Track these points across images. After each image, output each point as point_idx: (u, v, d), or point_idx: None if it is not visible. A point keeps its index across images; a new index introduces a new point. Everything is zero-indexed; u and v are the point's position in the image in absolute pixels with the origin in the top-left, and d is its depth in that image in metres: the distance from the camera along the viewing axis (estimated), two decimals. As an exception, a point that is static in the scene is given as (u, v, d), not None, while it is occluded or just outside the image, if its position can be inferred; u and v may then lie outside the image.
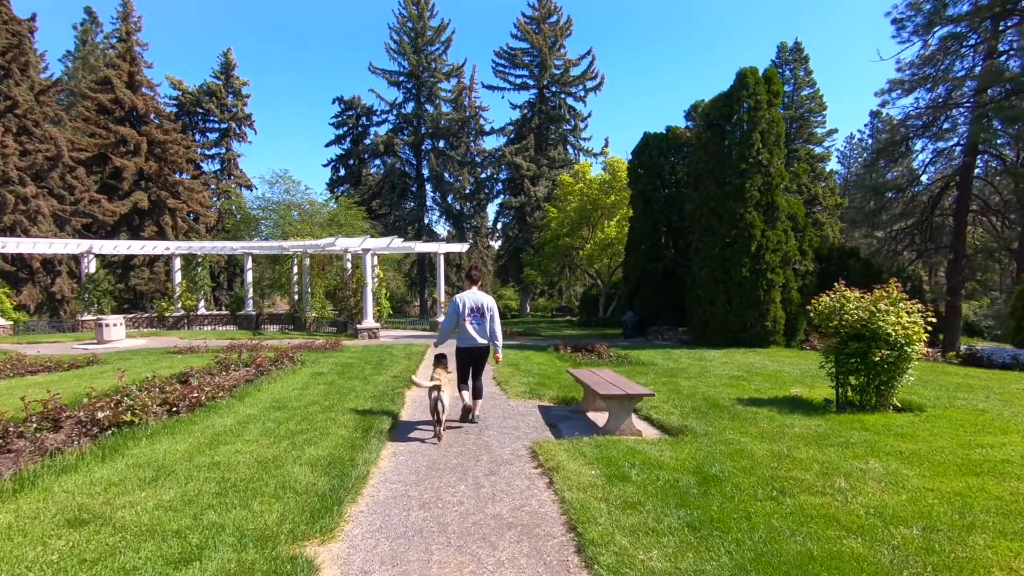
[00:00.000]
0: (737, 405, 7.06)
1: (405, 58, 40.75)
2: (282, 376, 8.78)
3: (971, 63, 27.82)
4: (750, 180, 14.60)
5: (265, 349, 13.47)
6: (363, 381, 8.60)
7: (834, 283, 7.59)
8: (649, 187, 20.26)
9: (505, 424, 6.35)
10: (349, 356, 12.32)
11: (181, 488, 3.76)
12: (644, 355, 13.08)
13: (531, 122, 40.08)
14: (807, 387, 8.42)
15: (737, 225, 14.67)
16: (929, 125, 29.81)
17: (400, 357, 12.41)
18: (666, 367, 11.11)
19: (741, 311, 14.60)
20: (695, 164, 16.00)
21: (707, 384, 8.86)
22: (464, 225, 41.93)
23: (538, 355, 13.38)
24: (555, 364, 11.67)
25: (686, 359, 12.46)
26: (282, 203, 32.80)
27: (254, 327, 23.72)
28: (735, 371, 10.39)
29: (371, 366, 10.59)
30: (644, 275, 20.50)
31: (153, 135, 34.77)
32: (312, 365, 10.42)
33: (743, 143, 14.66)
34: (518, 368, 10.73)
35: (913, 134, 30.64)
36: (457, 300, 6.16)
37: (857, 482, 4.14)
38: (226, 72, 43.26)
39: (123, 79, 34.70)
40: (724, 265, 14.98)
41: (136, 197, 33.85)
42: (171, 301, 24.29)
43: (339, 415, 6.18)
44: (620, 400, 5.80)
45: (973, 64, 27.44)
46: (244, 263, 24.50)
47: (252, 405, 6.55)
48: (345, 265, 22.45)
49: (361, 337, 18.69)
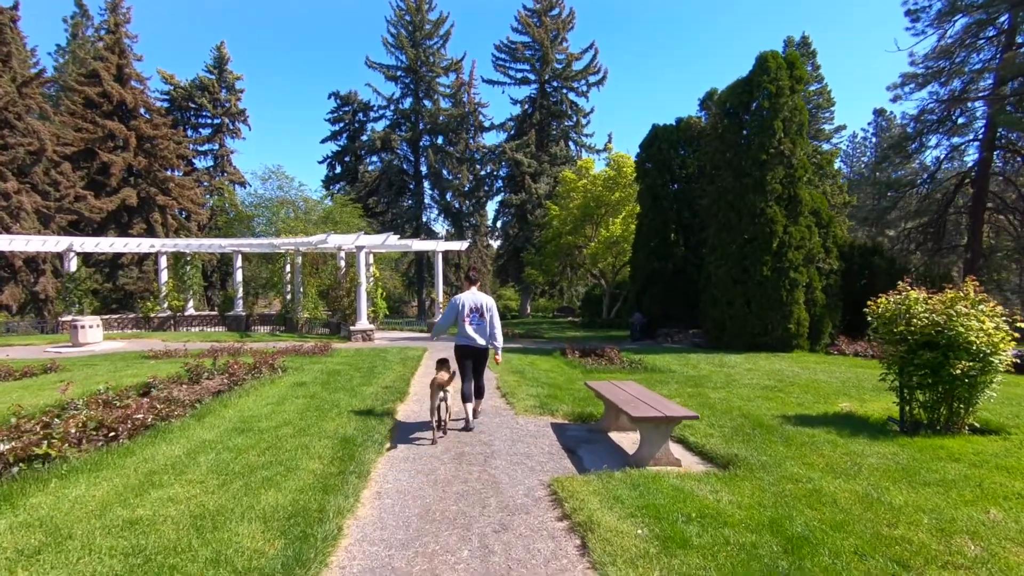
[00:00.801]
0: (785, 425, 6.02)
1: (403, 52, 39.68)
2: (257, 387, 7.72)
3: (988, 55, 26.86)
4: (771, 172, 13.57)
5: (247, 353, 12.43)
6: (349, 394, 7.54)
7: (860, 282, 6.54)
8: (658, 182, 19.22)
9: (515, 449, 5.30)
10: (338, 362, 11.27)
11: (66, 570, 2.70)
12: (659, 360, 12.05)
13: (532, 118, 39.02)
14: (856, 400, 7.39)
15: (757, 220, 13.63)
16: (944, 120, 28.85)
17: (394, 363, 11.35)
18: (687, 375, 10.08)
19: (761, 313, 13.56)
20: (711, 156, 14.97)
21: (739, 396, 7.82)
22: (463, 223, 40.87)
23: (544, 360, 12.34)
24: (564, 371, 10.63)
25: (706, 365, 11.43)
26: (274, 200, 31.69)
27: (244, 328, 22.66)
28: (765, 380, 9.36)
29: (361, 374, 9.53)
30: (652, 274, 19.47)
31: (142, 130, 33.68)
32: (295, 373, 9.36)
33: (763, 132, 13.63)
34: (524, 376, 9.69)
35: (928, 129, 29.65)
36: (456, 300, 6.10)
37: (992, 544, 3.10)
38: (219, 66, 42.15)
39: (111, 72, 33.61)
40: (743, 263, 13.94)
41: (124, 194, 32.77)
42: (157, 301, 23.21)
43: (315, 440, 5.12)
44: (656, 423, 4.75)
45: (991, 56, 26.47)
46: (234, 262, 23.44)
47: (212, 427, 5.48)
48: (339, 264, 21.41)
49: (354, 339, 17.64)
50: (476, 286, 6.24)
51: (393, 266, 42.99)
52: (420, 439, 5.57)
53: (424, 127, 40.57)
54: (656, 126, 20.11)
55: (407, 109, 41.01)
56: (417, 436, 5.69)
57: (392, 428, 5.94)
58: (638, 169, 20.71)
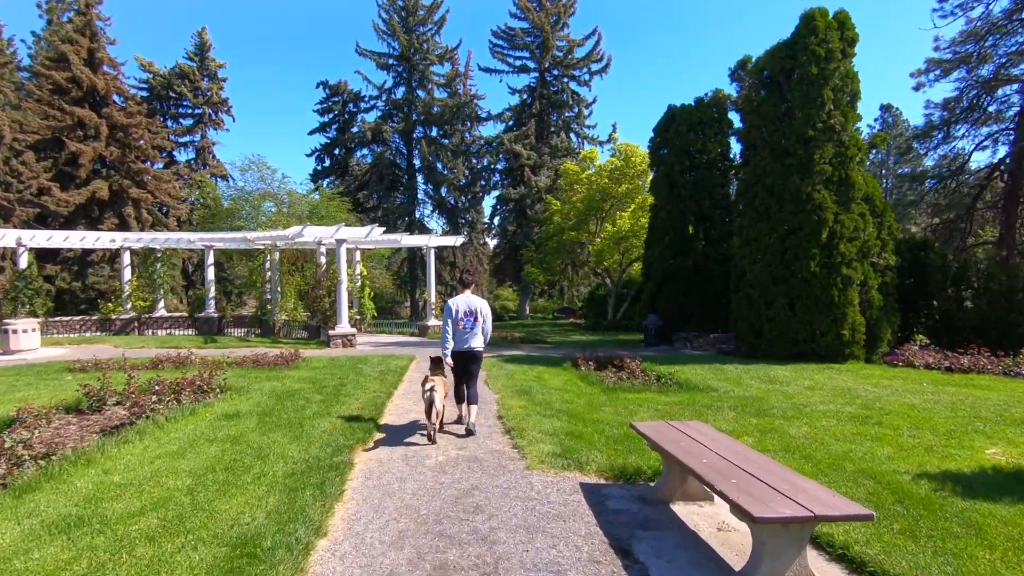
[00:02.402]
0: (942, 493, 3.93)
1: (395, 39, 37.50)
2: (169, 422, 5.59)
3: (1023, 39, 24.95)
4: (819, 150, 11.48)
5: (193, 365, 10.28)
6: (292, 433, 5.41)
7: (907, 281, 4.44)
8: (676, 168, 17.13)
9: (533, 547, 3.20)
10: (301, 377, 9.12)
11: None
12: (690, 373, 9.96)
13: (531, 108, 36.90)
14: (1002, 442, 5.31)
15: (803, 207, 11.55)
16: (973, 107, 26.92)
17: (370, 378, 9.22)
18: (735, 395, 7.99)
19: (808, 316, 11.47)
20: (745, 133, 12.88)
21: (829, 433, 5.73)
22: (459, 220, 38.69)
23: (553, 373, 10.24)
24: (581, 390, 8.52)
25: (752, 380, 9.34)
26: (256, 193, 29.45)
27: (215, 332, 20.51)
28: (844, 405, 7.26)
29: (322, 396, 7.40)
30: (668, 272, 17.39)
31: (115, 118, 31.43)
32: (234, 396, 7.21)
33: (809, 103, 11.54)
34: (532, 399, 7.58)
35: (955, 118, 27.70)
36: (451, 304, 6.00)
37: None
38: (201, 53, 39.91)
39: (81, 56, 31.34)
40: (784, 258, 11.86)
41: (95, 186, 30.54)
42: (119, 302, 21.00)
43: (185, 553, 2.99)
44: (786, 525, 2.65)
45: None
46: (205, 258, 21.28)
47: (23, 515, 3.34)
48: (319, 260, 19.24)
49: (334, 345, 15.49)
50: (470, 289, 6.17)
51: (385, 264, 40.81)
52: (384, 526, 3.45)
53: (418, 118, 38.39)
54: (672, 107, 18.03)
55: (400, 99, 38.85)
56: (381, 516, 3.57)
57: (340, 499, 3.82)
58: (652, 155, 18.63)
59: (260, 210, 29.02)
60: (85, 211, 30.62)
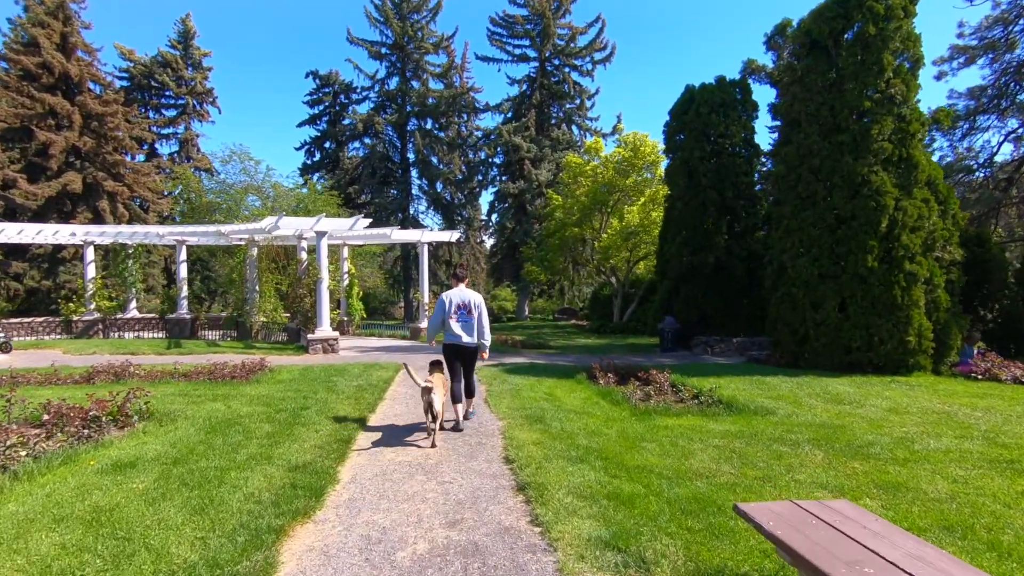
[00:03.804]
0: None
1: (388, 26, 35.68)
2: (13, 484, 3.79)
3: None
4: (877, 124, 9.76)
5: (131, 378, 8.48)
6: (202, 498, 3.61)
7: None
8: (695, 154, 15.40)
9: None
10: (256, 395, 7.32)
11: None
12: (732, 389, 8.21)
13: (531, 99, 35.11)
14: None
15: (857, 191, 9.82)
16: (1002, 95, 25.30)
17: (344, 396, 7.44)
18: (802, 422, 6.25)
19: (864, 319, 9.74)
20: (785, 108, 11.12)
21: (989, 494, 3.99)
22: (455, 216, 36.87)
23: (568, 389, 8.48)
24: (607, 413, 6.76)
25: (811, 399, 7.61)
26: (238, 186, 27.56)
27: (187, 335, 18.69)
28: (958, 438, 5.52)
29: (273, 426, 5.62)
30: (687, 269, 15.66)
31: (89, 106, 29.50)
32: (149, 431, 5.40)
33: (866, 70, 9.83)
34: (548, 429, 5.81)
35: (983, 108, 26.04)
36: (444, 297, 5.91)
37: None
38: (184, 41, 38.02)
39: (53, 40, 29.43)
40: (834, 251, 10.13)
41: (67, 178, 28.64)
42: (81, 302, 19.15)
43: None
44: None
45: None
46: (177, 254, 19.46)
47: None
48: (299, 256, 17.45)
49: (313, 351, 13.70)
50: (464, 283, 6.11)
51: (377, 262, 38.98)
52: None
53: (412, 110, 36.56)
54: (691, 87, 16.31)
55: (393, 90, 37.03)
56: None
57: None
58: (668, 141, 16.90)
59: (243, 204, 27.17)
60: (56, 205, 28.69)
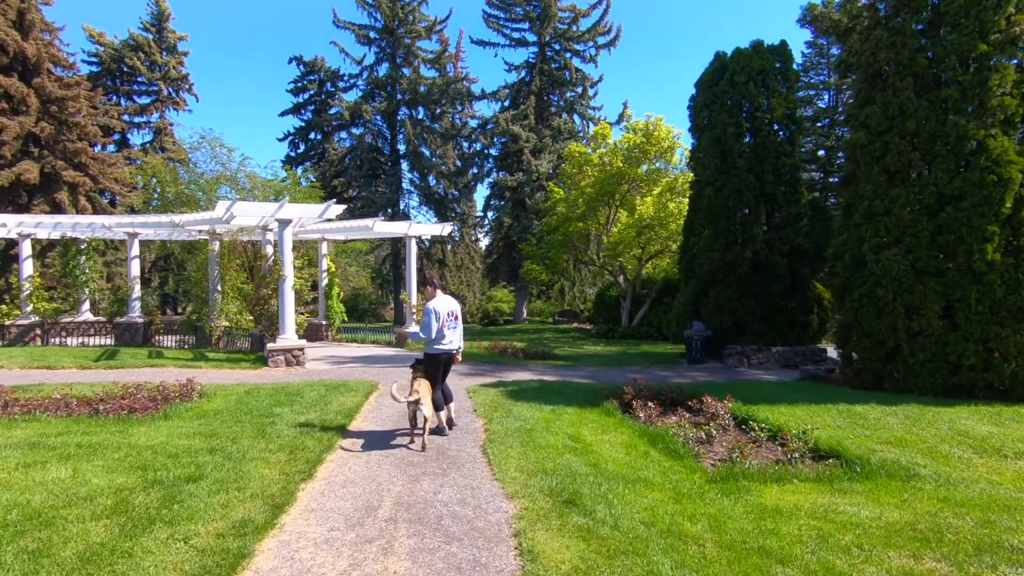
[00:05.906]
0: None
1: (377, 8, 33.20)
2: None
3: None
4: (996, 74, 7.48)
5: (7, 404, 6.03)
6: None
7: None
8: (730, 131, 13.07)
9: None
10: (143, 446, 4.90)
11: None
12: (826, 428, 5.85)
13: (530, 85, 32.74)
14: None
15: (969, 161, 7.53)
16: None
17: (280, 442, 5.01)
18: (979, 497, 3.92)
19: (979, 330, 7.42)
20: (866, 59, 8.77)
21: None
22: (448, 212, 34.40)
23: (598, 427, 6.09)
24: (673, 483, 4.39)
25: (947, 444, 5.28)
26: (210, 176, 24.96)
27: (140, 341, 16.21)
28: None
29: (113, 531, 3.23)
30: (719, 267, 13.33)
31: (48, 89, 26.92)
32: None
33: (977, 3, 7.55)
34: (595, 531, 3.43)
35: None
36: (431, 307, 5.69)
37: None
38: (158, 24, 35.41)
39: (9, 17, 26.86)
40: (935, 240, 7.81)
41: (22, 167, 26.04)
42: (16, 304, 16.63)
43: None
44: None
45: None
46: (129, 249, 16.98)
47: None
48: (264, 251, 15.01)
49: (273, 363, 11.24)
50: (443, 291, 5.92)
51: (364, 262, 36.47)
52: None
53: (402, 98, 34.11)
54: (721, 54, 14.00)
55: (382, 77, 34.54)
56: None
57: None
58: (694, 118, 14.56)
59: (214, 196, 24.59)
60: (10, 196, 26.07)
